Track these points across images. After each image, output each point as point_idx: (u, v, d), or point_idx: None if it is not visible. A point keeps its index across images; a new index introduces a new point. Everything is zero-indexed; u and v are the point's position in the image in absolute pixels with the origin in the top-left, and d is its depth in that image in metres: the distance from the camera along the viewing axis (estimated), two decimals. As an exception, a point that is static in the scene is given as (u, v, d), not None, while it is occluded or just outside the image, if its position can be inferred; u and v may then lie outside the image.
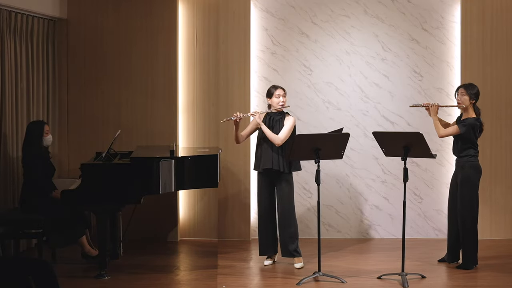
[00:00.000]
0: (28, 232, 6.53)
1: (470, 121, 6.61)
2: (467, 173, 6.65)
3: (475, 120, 6.62)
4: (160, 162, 6.34)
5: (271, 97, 6.79)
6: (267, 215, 6.87)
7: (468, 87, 6.68)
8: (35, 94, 7.59)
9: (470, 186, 6.65)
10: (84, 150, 7.93)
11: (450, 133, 6.68)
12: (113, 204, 6.50)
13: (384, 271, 6.52)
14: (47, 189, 6.82)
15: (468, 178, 6.65)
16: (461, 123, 6.64)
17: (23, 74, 7.39)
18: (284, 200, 6.76)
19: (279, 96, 6.75)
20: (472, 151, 6.66)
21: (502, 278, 6.42)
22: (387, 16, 8.04)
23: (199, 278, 6.50)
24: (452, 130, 6.67)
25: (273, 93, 6.78)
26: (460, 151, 6.68)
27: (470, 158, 6.65)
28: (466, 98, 6.64)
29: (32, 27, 7.56)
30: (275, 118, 6.78)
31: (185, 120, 8.11)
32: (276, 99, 6.75)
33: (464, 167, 6.66)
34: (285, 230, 6.78)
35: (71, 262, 6.96)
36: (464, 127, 6.59)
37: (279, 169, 6.70)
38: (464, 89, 6.67)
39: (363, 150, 8.08)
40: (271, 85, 6.93)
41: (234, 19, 7.99)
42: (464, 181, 6.65)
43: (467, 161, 6.65)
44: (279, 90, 6.78)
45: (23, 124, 7.27)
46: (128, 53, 8.03)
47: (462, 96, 6.66)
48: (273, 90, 6.80)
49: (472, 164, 6.66)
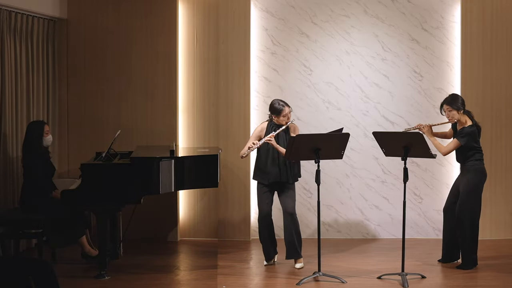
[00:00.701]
0: (28, 232, 6.53)
1: (467, 130, 6.59)
2: (472, 177, 6.64)
3: (470, 128, 6.61)
4: (160, 162, 6.34)
5: (279, 115, 6.69)
6: (267, 219, 6.84)
7: (451, 102, 6.61)
8: (35, 94, 7.59)
9: (474, 189, 6.64)
10: (84, 150, 7.93)
11: (452, 149, 6.64)
12: (113, 204, 6.50)
13: (384, 271, 6.52)
14: (47, 189, 6.82)
15: (473, 181, 6.63)
16: (459, 135, 6.61)
17: (23, 74, 7.39)
18: (288, 201, 6.74)
19: (286, 115, 6.69)
20: (478, 156, 6.66)
21: (502, 278, 6.42)
22: (387, 16, 8.04)
23: (199, 278, 6.50)
24: (453, 145, 6.63)
25: (281, 112, 6.68)
26: (466, 158, 6.66)
27: (476, 162, 6.65)
28: (454, 113, 6.60)
29: (32, 27, 7.56)
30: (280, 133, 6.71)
31: (185, 120, 8.11)
32: (283, 118, 6.69)
33: (470, 171, 6.66)
34: (291, 231, 6.74)
35: (71, 262, 6.96)
36: (463, 138, 6.58)
37: (287, 181, 6.71)
38: (448, 105, 6.61)
39: (363, 150, 8.08)
40: (276, 102, 6.73)
41: (234, 19, 7.99)
42: (469, 185, 6.63)
43: (473, 165, 6.64)
44: (286, 109, 6.68)
45: (23, 124, 7.27)
46: (128, 53, 8.03)
47: (450, 112, 6.61)
48: (281, 108, 6.67)
49: (477, 168, 6.65)
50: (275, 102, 6.76)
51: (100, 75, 8.06)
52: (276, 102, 6.76)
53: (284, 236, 6.80)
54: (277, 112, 6.72)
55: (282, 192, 6.79)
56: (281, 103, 6.72)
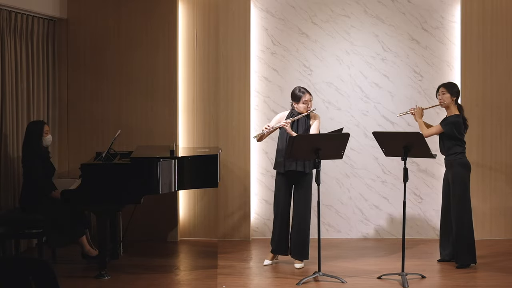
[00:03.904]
0: (28, 232, 6.53)
1: (451, 119, 6.71)
2: (456, 171, 6.71)
3: (456, 117, 6.70)
4: (160, 162, 6.34)
5: (298, 102, 6.70)
6: (283, 216, 6.82)
7: (448, 86, 6.80)
8: (35, 94, 7.59)
9: (460, 184, 6.70)
10: (84, 150, 7.94)
11: (434, 132, 6.77)
12: (113, 204, 6.50)
13: (384, 271, 6.53)
14: (47, 189, 6.82)
15: (458, 176, 6.70)
16: (443, 122, 6.75)
17: (23, 74, 7.39)
18: (301, 202, 6.73)
19: (306, 102, 6.68)
20: (459, 148, 6.71)
21: (501, 278, 6.42)
22: (387, 16, 8.04)
23: (199, 278, 6.50)
24: (435, 129, 6.78)
25: (301, 98, 6.68)
26: (447, 150, 6.76)
27: (457, 155, 6.71)
28: (447, 96, 6.74)
29: (32, 27, 7.56)
30: (300, 119, 6.74)
31: (185, 120, 8.11)
32: (303, 104, 6.68)
33: (453, 165, 6.72)
34: (299, 232, 6.74)
35: (71, 262, 6.96)
36: (446, 125, 6.69)
37: (303, 170, 6.68)
38: (444, 88, 6.78)
39: (363, 150, 8.08)
40: (297, 88, 6.75)
41: (234, 19, 7.99)
42: (454, 180, 6.71)
43: (455, 159, 6.71)
44: (307, 96, 6.67)
45: (23, 124, 7.27)
46: (128, 53, 8.03)
47: (443, 95, 6.76)
48: (301, 95, 6.68)
49: (460, 162, 6.71)
50: (296, 88, 6.77)
51: (100, 75, 8.06)
52: (297, 88, 6.76)
53: (291, 234, 6.82)
54: (297, 98, 6.71)
55: (296, 189, 6.76)
56: (302, 89, 6.73)
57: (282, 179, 6.79)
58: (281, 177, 6.80)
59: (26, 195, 6.72)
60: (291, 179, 6.77)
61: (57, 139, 7.95)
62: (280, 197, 6.81)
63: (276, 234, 6.86)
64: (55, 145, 7.89)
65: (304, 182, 6.73)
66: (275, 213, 6.86)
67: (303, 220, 6.74)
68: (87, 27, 8.05)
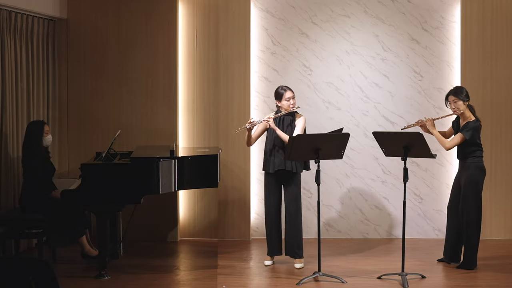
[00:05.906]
0: (28, 232, 6.54)
1: (472, 125, 6.58)
2: (472, 173, 6.62)
3: (475, 123, 6.60)
4: (160, 162, 6.34)
5: (281, 99, 6.76)
6: (274, 215, 6.85)
7: (456, 93, 6.60)
8: (35, 94, 7.60)
9: (474, 186, 6.62)
10: (84, 150, 7.94)
11: (457, 143, 6.61)
12: (113, 204, 6.50)
13: (384, 271, 6.53)
14: (47, 189, 6.82)
15: (473, 178, 6.61)
16: (464, 129, 6.59)
17: (23, 74, 7.39)
18: (292, 200, 6.76)
19: (289, 99, 6.72)
20: (479, 153, 6.64)
21: (502, 278, 6.42)
22: (387, 16, 8.04)
23: (199, 278, 6.50)
24: (457, 139, 6.60)
25: (283, 96, 6.75)
26: (467, 155, 6.63)
27: (476, 159, 6.63)
28: (460, 103, 6.58)
29: (32, 27, 7.56)
30: (286, 120, 6.77)
31: (185, 120, 8.11)
32: (286, 102, 6.73)
33: (470, 168, 6.64)
34: (291, 230, 6.77)
35: (71, 262, 6.96)
36: (469, 132, 6.55)
37: (291, 169, 6.69)
38: (454, 96, 6.60)
39: (363, 150, 8.08)
40: (279, 87, 6.84)
41: (234, 19, 7.99)
42: (469, 182, 6.62)
43: (473, 162, 6.62)
44: (288, 93, 6.73)
45: (23, 124, 7.27)
46: (128, 53, 8.03)
47: (455, 103, 6.59)
48: (282, 92, 6.75)
49: (478, 165, 6.63)
50: (278, 87, 6.87)
51: (100, 75, 8.06)
52: (280, 87, 6.85)
53: (285, 234, 6.84)
54: (279, 96, 6.77)
55: (286, 188, 6.79)
56: (284, 87, 6.80)
57: (271, 179, 6.82)
58: (269, 177, 6.82)
59: (26, 195, 6.73)
60: (280, 179, 6.79)
61: (57, 139, 7.95)
62: (270, 197, 6.83)
63: (268, 235, 6.88)
64: (55, 145, 7.89)
65: (293, 181, 6.75)
66: (266, 214, 6.88)
67: (294, 218, 6.75)
68: (87, 27, 8.05)
